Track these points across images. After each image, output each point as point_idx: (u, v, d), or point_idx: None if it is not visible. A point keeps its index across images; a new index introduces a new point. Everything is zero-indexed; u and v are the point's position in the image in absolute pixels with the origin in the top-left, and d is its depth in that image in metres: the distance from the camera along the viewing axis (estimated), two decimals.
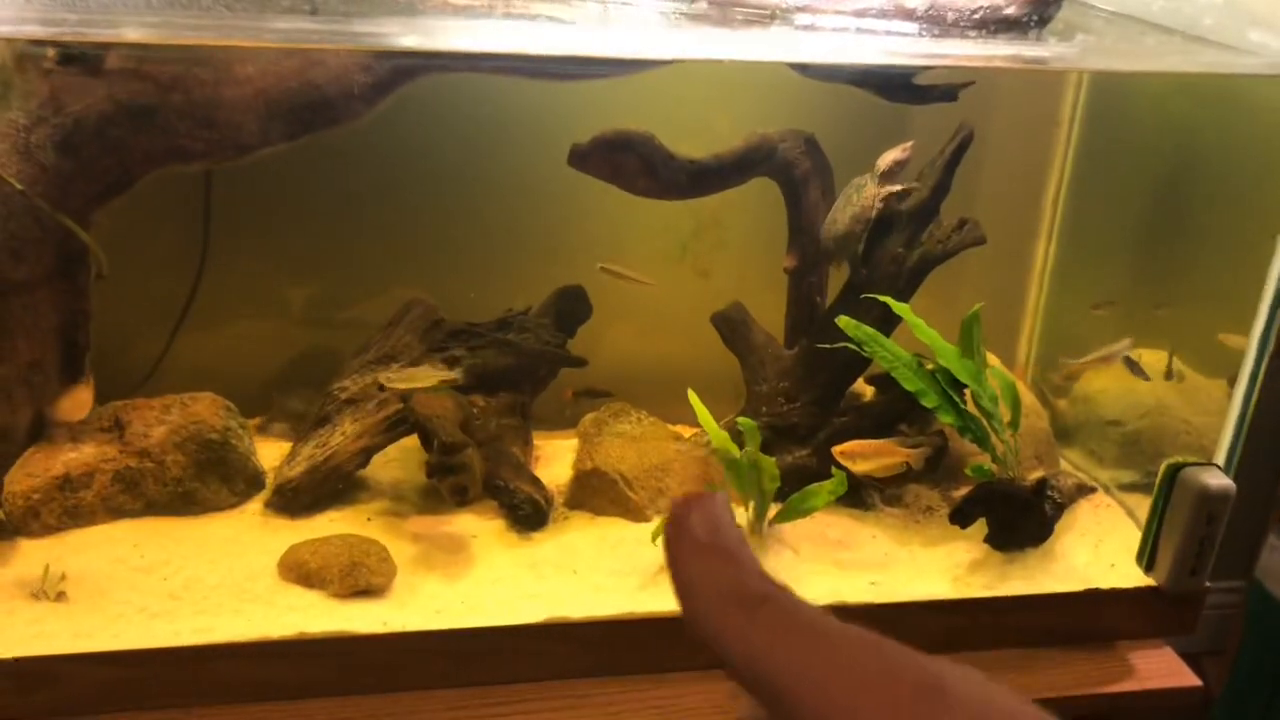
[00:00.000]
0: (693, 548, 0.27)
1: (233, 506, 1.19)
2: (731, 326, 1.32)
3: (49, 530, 1.11)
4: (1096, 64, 1.31)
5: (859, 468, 1.18)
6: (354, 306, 1.39)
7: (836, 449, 1.17)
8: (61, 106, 1.07)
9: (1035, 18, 1.04)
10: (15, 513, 1.10)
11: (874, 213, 1.20)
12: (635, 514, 1.22)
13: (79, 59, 1.07)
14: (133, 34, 0.95)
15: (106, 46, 1.07)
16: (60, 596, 1.01)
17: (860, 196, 1.22)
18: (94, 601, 1.01)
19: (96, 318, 1.18)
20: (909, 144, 1.21)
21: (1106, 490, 1.36)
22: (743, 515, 1.18)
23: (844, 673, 0.24)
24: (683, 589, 0.28)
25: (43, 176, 1.08)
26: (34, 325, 1.14)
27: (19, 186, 1.06)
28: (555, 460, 1.32)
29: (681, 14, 1.05)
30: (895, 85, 1.21)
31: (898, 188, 1.20)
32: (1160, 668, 1.15)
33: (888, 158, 1.21)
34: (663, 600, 1.06)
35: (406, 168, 1.33)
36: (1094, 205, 1.46)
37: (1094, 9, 1.19)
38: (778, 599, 0.26)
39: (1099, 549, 1.23)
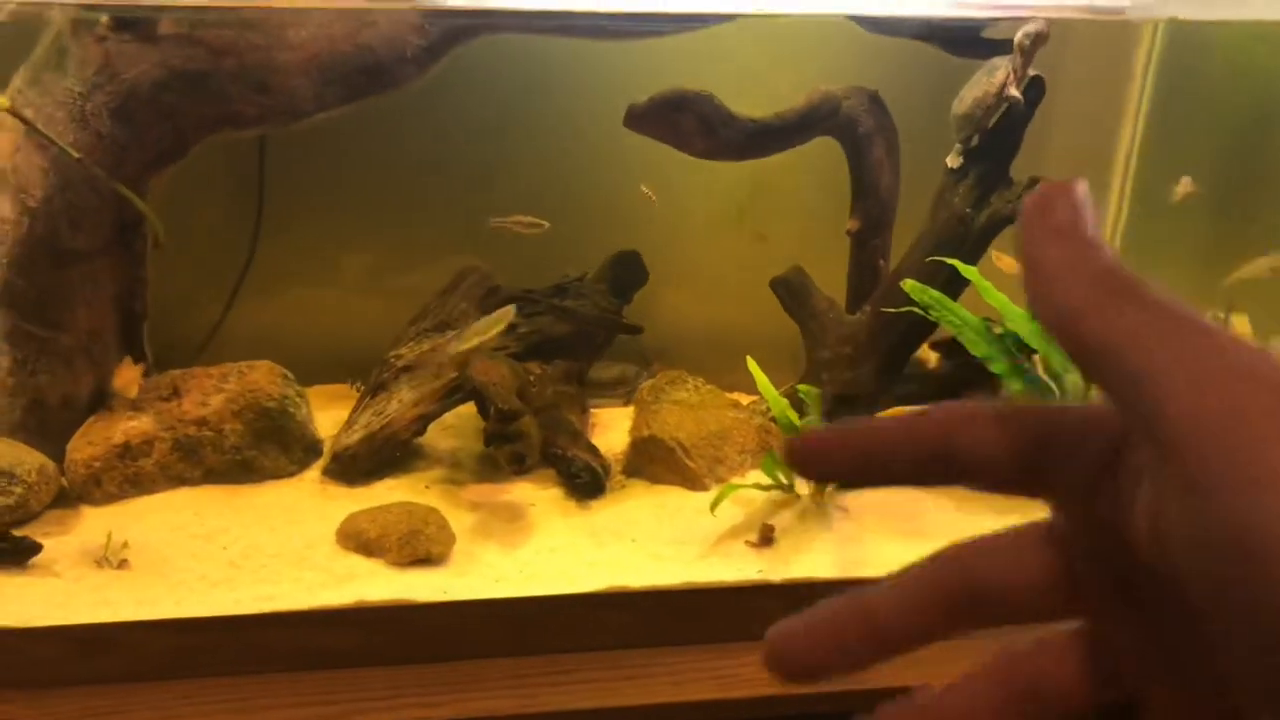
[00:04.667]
0: (1056, 230, 0.25)
1: (291, 474, 1.19)
2: (791, 291, 1.29)
3: (110, 498, 1.12)
4: (1175, 13, 1.25)
5: None
6: (410, 273, 1.38)
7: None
8: (116, 73, 1.07)
9: None
10: (77, 481, 1.11)
11: (995, 89, 1.13)
12: (693, 482, 1.20)
13: (132, 24, 1.06)
14: None
15: (158, 10, 1.06)
16: (123, 564, 1.01)
17: (990, 78, 1.14)
18: (156, 569, 1.02)
19: (153, 286, 1.18)
20: (1044, 18, 1.12)
21: None
22: (802, 484, 1.16)
23: (1227, 370, 0.21)
24: (1038, 269, 0.25)
25: (99, 144, 1.08)
26: (93, 294, 1.14)
27: (76, 155, 1.06)
28: (611, 428, 1.30)
29: None
30: (964, 39, 1.16)
31: (1012, 88, 1.11)
32: None
33: (1024, 29, 1.11)
34: (722, 570, 1.05)
35: (460, 132, 1.31)
36: (1168, 162, 1.41)
37: None
38: (1148, 287, 0.24)
39: None
